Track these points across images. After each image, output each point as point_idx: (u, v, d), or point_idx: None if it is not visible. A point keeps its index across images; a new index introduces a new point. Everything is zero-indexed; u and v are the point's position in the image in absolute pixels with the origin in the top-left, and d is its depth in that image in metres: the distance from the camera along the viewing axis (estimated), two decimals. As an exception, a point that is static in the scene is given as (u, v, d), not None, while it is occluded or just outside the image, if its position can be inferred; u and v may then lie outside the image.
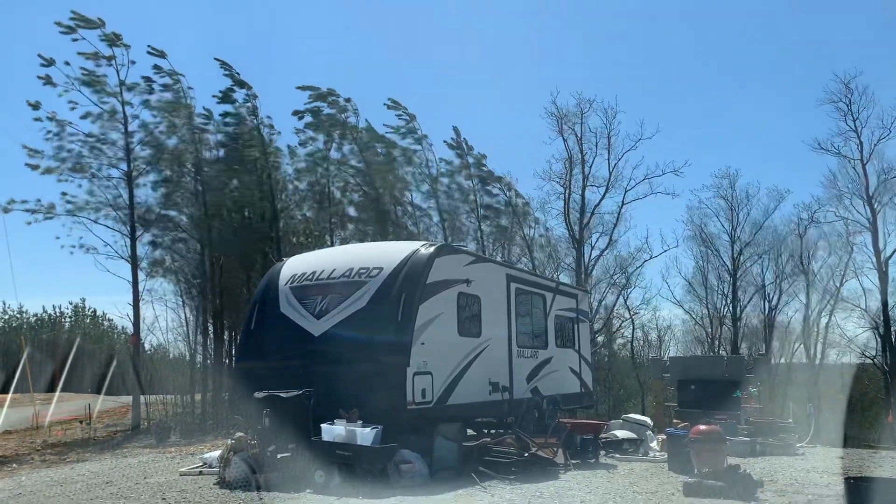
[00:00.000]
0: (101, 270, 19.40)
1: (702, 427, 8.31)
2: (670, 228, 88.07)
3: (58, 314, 40.60)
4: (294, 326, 9.57)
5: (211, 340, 20.22)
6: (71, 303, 40.82)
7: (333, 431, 8.14)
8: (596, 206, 27.96)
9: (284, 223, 21.00)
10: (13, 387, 17.57)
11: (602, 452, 10.48)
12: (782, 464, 10.05)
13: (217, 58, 19.84)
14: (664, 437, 10.60)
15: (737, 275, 32.46)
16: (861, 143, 29.34)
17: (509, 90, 55.13)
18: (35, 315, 40.49)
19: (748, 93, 55.58)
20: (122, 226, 17.90)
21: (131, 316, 17.93)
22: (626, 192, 27.93)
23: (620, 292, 30.75)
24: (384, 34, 59.93)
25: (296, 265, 10.52)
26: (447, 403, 9.40)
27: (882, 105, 40.87)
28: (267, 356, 9.80)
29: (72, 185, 17.55)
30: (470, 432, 10.11)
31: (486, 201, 24.54)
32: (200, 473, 9.14)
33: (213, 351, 20.16)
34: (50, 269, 57.20)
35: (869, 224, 29.11)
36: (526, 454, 8.81)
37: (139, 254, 18.03)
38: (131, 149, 17.99)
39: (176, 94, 18.76)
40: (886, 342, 28.55)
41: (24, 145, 17.24)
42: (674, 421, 13.12)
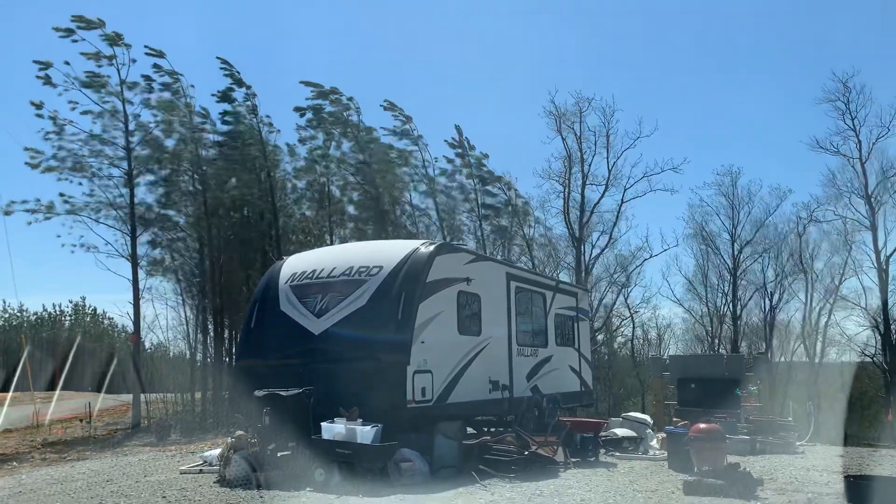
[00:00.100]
0: (102, 269, 19.53)
1: (702, 425, 8.30)
2: (670, 227, 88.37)
3: (58, 313, 40.58)
4: (294, 325, 9.57)
5: (211, 339, 20.27)
6: (71, 301, 40.86)
7: (333, 430, 8.15)
8: (595, 205, 28.07)
9: (284, 222, 21.00)
10: (13, 385, 17.61)
11: (602, 451, 10.47)
12: (782, 462, 10.04)
13: (219, 56, 19.94)
14: (664, 436, 10.58)
15: (737, 273, 32.45)
16: (860, 142, 29.42)
17: (509, 90, 55.17)
18: (35, 314, 40.49)
19: (746, 91, 55.65)
20: (123, 225, 17.95)
21: (131, 314, 18.02)
22: (626, 191, 28.01)
23: (620, 291, 30.83)
24: (384, 34, 59.93)
25: (296, 264, 10.52)
26: (447, 402, 9.40)
27: (880, 103, 40.75)
28: (267, 355, 9.80)
29: (72, 185, 17.65)
30: (470, 431, 10.07)
31: (487, 201, 24.58)
32: (201, 472, 9.14)
33: (214, 349, 20.21)
34: (50, 268, 57.10)
35: (868, 222, 29.19)
36: (526, 452, 8.80)
37: (139, 252, 18.10)
38: (132, 148, 18.01)
39: (176, 94, 18.79)
40: (886, 341, 28.54)
41: (27, 147, 17.31)
42: (674, 419, 13.10)
